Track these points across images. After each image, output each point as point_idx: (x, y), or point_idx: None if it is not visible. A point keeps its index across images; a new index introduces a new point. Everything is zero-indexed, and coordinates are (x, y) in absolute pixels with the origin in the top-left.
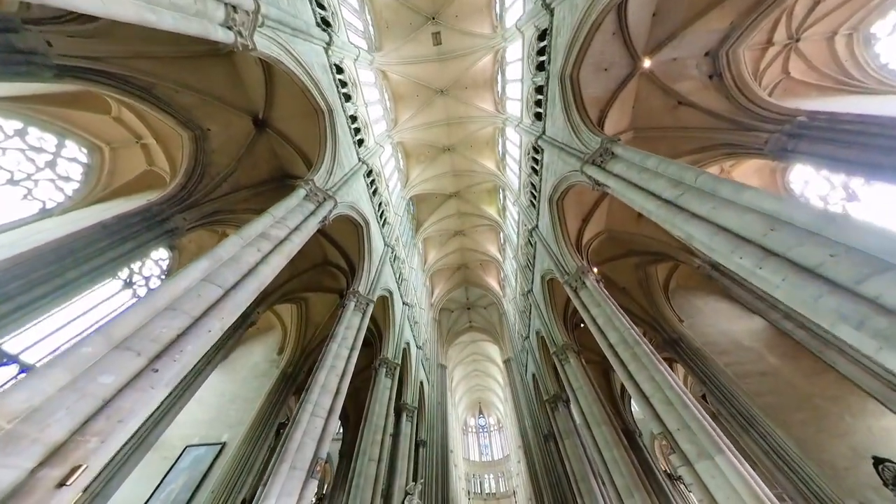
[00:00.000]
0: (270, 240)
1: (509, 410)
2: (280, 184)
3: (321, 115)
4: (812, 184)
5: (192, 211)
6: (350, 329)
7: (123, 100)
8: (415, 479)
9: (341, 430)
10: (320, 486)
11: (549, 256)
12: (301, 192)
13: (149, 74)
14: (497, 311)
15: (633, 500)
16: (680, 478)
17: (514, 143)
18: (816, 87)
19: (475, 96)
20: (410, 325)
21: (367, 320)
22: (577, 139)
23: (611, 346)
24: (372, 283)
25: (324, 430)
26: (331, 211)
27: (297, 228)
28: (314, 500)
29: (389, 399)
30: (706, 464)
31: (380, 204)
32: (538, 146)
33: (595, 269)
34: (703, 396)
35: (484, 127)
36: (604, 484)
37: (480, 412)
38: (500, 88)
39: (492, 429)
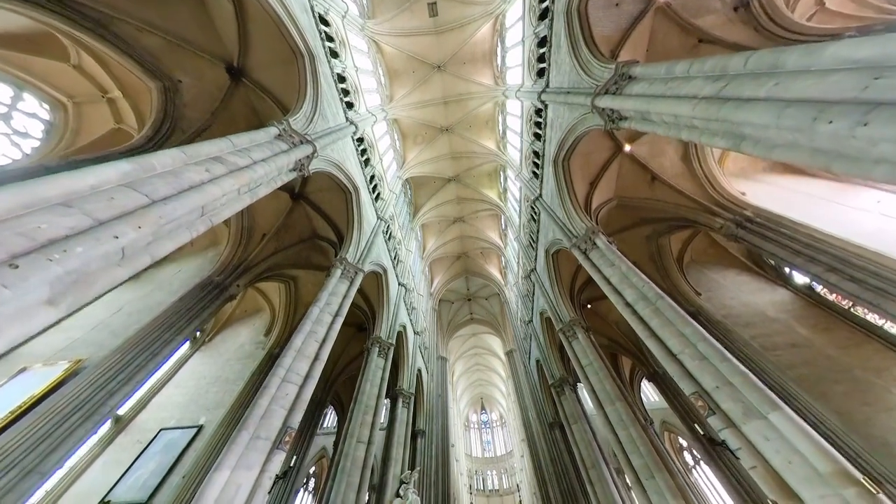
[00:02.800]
0: (226, 165)
1: (512, 404)
2: None
3: (300, 59)
4: None
5: None
6: (335, 296)
7: (76, 35)
8: (411, 469)
9: (336, 423)
10: (318, 481)
11: (555, 223)
12: (272, 130)
13: (103, 4)
14: (499, 301)
15: (653, 482)
16: (723, 443)
17: (515, 115)
18: (855, 17)
19: (474, 71)
20: (407, 309)
21: (354, 289)
22: (586, 76)
23: (628, 304)
24: (362, 254)
25: (297, 397)
26: (309, 158)
27: (263, 161)
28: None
29: (382, 379)
30: (757, 424)
31: (372, 176)
32: (542, 101)
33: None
34: None
35: (484, 103)
36: (617, 469)
37: (483, 408)
38: (499, 61)
39: (494, 424)
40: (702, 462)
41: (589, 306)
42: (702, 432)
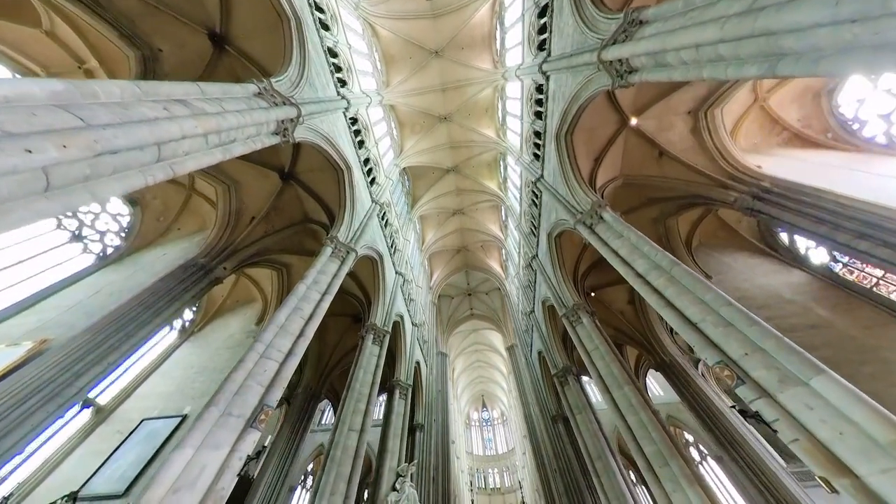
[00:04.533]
0: (190, 108)
1: (514, 400)
2: None
3: (286, 22)
4: (868, 102)
5: None
6: (324, 275)
7: None
8: (408, 462)
9: (332, 417)
10: (315, 479)
11: (558, 202)
12: (251, 87)
13: None
14: (499, 295)
15: (668, 470)
16: (756, 415)
17: (515, 98)
18: None
19: (472, 56)
20: (405, 300)
21: (346, 268)
22: (591, 32)
23: (639, 276)
24: (355, 234)
25: (277, 374)
26: (293, 122)
27: (237, 112)
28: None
29: (377, 367)
30: (796, 391)
31: (367, 159)
32: (543, 73)
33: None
34: None
35: (483, 89)
36: (624, 462)
37: (484, 406)
38: (498, 43)
39: (495, 422)
40: (708, 458)
41: (593, 294)
42: (731, 404)
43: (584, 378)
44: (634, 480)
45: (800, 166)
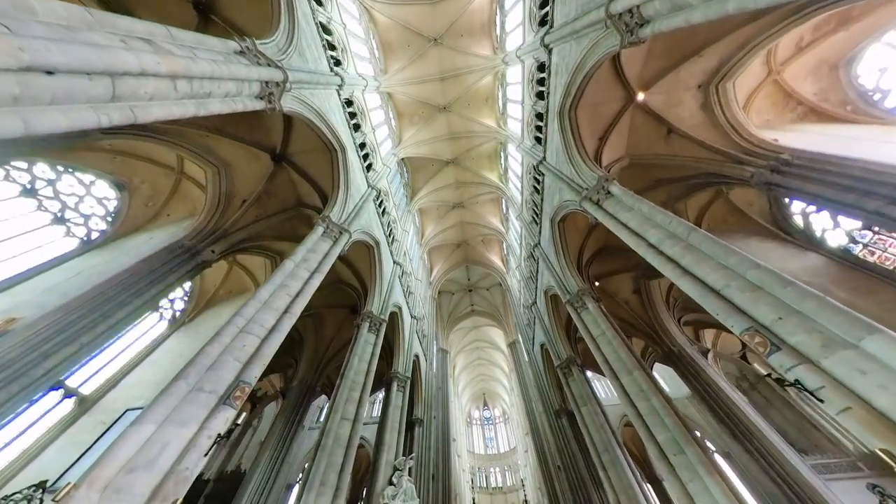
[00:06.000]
0: (158, 53)
1: (516, 398)
2: None
3: None
4: (891, 71)
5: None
6: (315, 253)
7: None
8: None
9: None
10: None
11: (562, 181)
12: (232, 44)
13: None
14: (500, 291)
15: (683, 458)
16: (795, 383)
17: (516, 83)
18: None
19: (472, 43)
20: (404, 292)
21: (338, 249)
22: None
23: (652, 246)
24: (349, 216)
25: (258, 350)
26: (279, 86)
27: (212, 60)
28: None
29: (372, 356)
30: (844, 355)
31: (363, 144)
32: (546, 46)
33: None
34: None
35: (483, 77)
36: (631, 456)
37: (485, 404)
38: (498, 29)
39: (497, 421)
40: (716, 454)
41: (597, 284)
42: (763, 372)
43: (589, 374)
44: (641, 477)
45: (819, 140)
